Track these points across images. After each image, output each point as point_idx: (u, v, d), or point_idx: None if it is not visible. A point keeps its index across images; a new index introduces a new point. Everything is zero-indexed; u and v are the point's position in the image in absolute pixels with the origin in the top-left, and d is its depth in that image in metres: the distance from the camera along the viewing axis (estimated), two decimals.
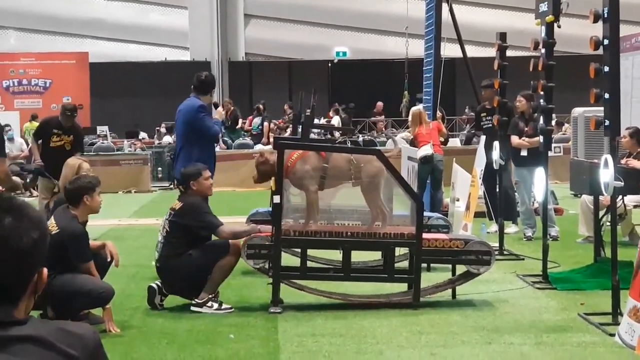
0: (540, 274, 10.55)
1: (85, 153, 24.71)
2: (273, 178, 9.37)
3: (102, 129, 28.66)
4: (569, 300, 9.64)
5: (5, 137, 23.50)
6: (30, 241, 2.39)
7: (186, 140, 11.16)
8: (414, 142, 15.45)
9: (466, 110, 32.15)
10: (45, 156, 13.99)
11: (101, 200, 8.72)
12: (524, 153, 13.86)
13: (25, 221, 2.41)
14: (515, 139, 13.85)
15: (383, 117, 34.20)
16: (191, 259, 9.11)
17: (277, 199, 9.15)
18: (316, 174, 9.69)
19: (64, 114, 14.10)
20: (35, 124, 27.80)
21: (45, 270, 2.49)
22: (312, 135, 15.13)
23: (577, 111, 19.26)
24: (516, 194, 14.47)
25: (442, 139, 16.25)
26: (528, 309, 9.26)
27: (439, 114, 16.71)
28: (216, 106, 12.02)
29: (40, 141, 14.30)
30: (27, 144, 25.23)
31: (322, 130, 25.97)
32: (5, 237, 2.36)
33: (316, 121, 23.22)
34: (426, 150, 14.82)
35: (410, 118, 15.93)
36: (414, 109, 16.02)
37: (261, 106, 30.12)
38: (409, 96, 26.64)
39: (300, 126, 11.71)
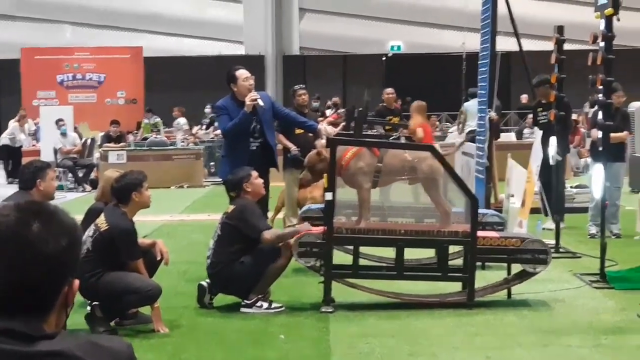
0: (598, 272, 10.30)
1: (137, 148, 24.85)
2: (325, 175, 9.22)
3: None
4: (627, 300, 9.40)
5: (59, 131, 23.83)
6: (57, 247, 2.28)
7: None
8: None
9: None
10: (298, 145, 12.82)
11: (150, 194, 8.59)
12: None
13: (54, 226, 2.30)
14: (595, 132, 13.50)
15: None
16: (243, 266, 8.96)
17: (329, 196, 9.00)
18: (369, 172, 9.52)
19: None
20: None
21: (76, 282, 2.37)
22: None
23: (635, 105, 18.92)
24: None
25: None
26: (585, 310, 9.05)
27: (492, 113, 16.22)
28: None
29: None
30: (80, 138, 25.31)
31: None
32: (31, 242, 2.26)
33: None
34: None
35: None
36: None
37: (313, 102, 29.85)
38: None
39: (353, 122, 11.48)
